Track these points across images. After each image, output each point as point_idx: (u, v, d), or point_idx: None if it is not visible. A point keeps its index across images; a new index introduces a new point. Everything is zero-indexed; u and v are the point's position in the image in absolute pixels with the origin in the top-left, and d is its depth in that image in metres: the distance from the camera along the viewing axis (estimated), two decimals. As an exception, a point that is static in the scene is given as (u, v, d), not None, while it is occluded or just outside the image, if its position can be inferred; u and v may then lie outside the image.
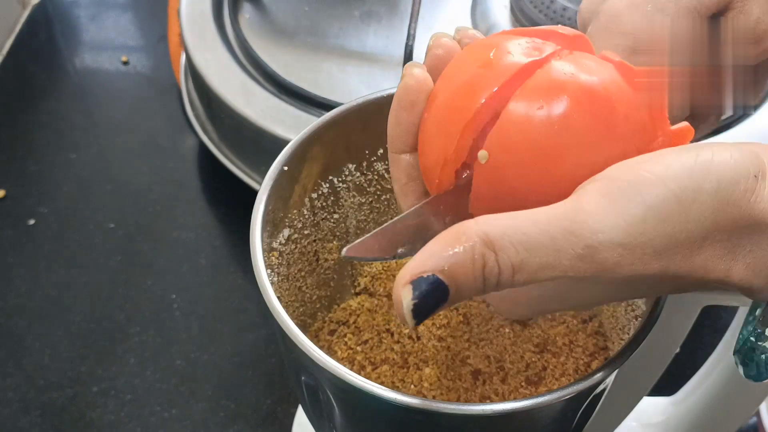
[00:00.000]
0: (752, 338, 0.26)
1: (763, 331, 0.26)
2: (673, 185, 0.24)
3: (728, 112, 0.37)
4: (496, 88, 0.27)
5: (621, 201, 0.24)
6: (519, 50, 0.28)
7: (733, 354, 0.27)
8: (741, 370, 0.27)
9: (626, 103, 0.27)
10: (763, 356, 0.26)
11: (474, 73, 0.28)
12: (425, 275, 0.24)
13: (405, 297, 0.24)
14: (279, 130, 0.62)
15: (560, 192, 0.26)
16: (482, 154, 0.27)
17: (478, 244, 0.24)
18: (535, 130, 0.26)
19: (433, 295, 0.24)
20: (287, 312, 0.32)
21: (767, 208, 0.24)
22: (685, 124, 0.28)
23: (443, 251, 0.24)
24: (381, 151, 0.41)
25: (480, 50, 0.29)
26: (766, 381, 0.28)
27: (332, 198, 0.42)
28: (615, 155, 0.26)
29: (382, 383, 0.40)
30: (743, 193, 0.24)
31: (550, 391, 0.29)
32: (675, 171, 0.24)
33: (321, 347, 0.37)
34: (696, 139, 0.29)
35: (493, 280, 0.24)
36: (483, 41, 0.30)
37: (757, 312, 0.27)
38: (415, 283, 0.24)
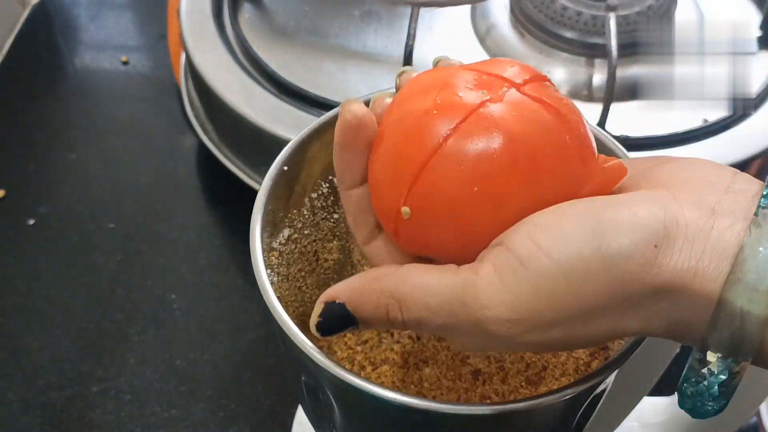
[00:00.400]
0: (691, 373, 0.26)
1: (698, 366, 0.25)
2: (564, 264, 0.24)
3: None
4: (440, 140, 0.27)
5: (510, 277, 0.24)
6: (465, 93, 0.28)
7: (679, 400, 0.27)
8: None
9: (554, 149, 0.27)
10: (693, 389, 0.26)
11: (420, 120, 0.28)
12: (336, 301, 0.28)
13: (314, 312, 0.28)
14: (279, 130, 0.62)
15: (479, 246, 0.27)
16: (405, 210, 0.28)
17: (384, 296, 0.27)
18: (450, 190, 0.27)
19: (338, 319, 0.28)
20: (287, 312, 0.32)
21: (673, 274, 0.23)
22: (617, 161, 0.28)
23: (357, 288, 0.27)
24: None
25: (427, 91, 0.29)
26: (765, 381, 0.28)
27: (332, 198, 0.42)
28: (538, 205, 0.26)
29: (382, 383, 0.40)
30: (640, 267, 0.23)
31: (550, 391, 0.29)
32: (566, 246, 0.24)
33: (321, 347, 0.37)
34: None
35: (398, 323, 0.27)
36: (432, 76, 0.30)
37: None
38: (327, 305, 0.28)
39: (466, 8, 0.72)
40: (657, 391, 0.45)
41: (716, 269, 0.23)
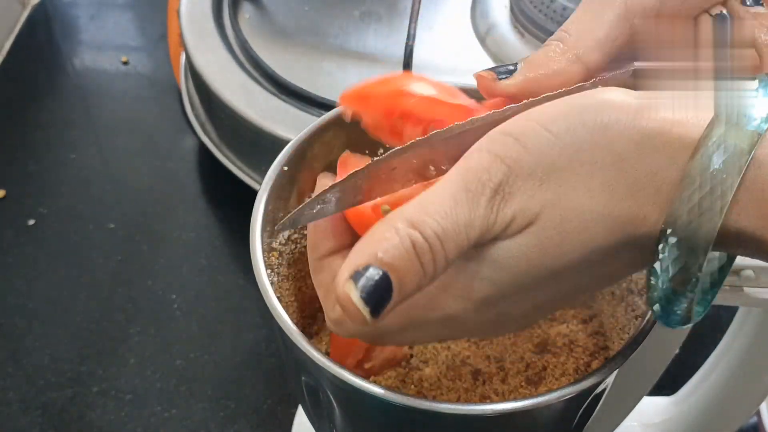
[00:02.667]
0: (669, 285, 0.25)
1: (684, 279, 0.24)
2: (543, 121, 0.24)
3: None
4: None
5: (499, 149, 0.25)
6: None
7: (650, 305, 0.25)
8: (659, 317, 0.26)
9: None
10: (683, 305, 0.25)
11: None
12: (361, 269, 0.24)
13: (352, 292, 0.24)
14: (279, 130, 0.62)
15: None
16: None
17: (401, 225, 0.24)
18: None
19: (375, 284, 0.24)
20: (287, 312, 0.32)
21: (656, 122, 0.23)
22: None
23: (372, 243, 0.24)
24: (381, 150, 0.41)
25: None
26: (764, 381, 0.28)
27: (332, 198, 0.42)
28: None
29: (382, 383, 0.40)
30: (618, 114, 0.24)
31: (550, 391, 0.29)
32: (545, 110, 0.25)
33: (321, 347, 0.37)
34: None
35: (427, 257, 0.24)
36: None
37: (667, 254, 0.25)
38: (355, 277, 0.24)
39: (466, 8, 0.72)
40: (657, 390, 0.45)
41: (696, 118, 0.24)
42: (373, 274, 0.24)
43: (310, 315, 0.44)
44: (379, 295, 0.24)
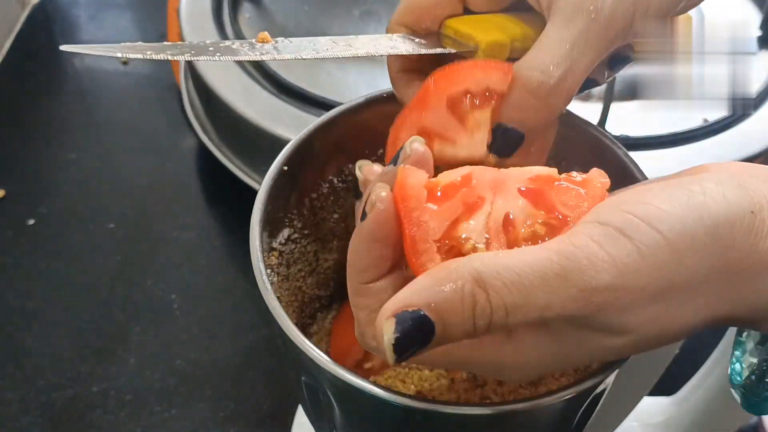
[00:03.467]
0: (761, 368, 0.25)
1: None
2: (667, 233, 0.23)
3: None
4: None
5: (611, 246, 0.23)
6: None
7: (733, 386, 0.26)
8: (741, 401, 0.26)
9: None
10: None
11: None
12: (410, 309, 0.23)
13: (387, 331, 0.23)
14: (279, 130, 0.62)
15: None
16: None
17: (468, 283, 0.23)
18: None
19: (416, 331, 0.23)
20: (287, 312, 0.32)
21: None
22: (594, 171, 0.27)
23: (432, 287, 0.23)
24: (381, 151, 0.41)
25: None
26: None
27: (332, 198, 0.42)
28: None
29: (382, 383, 0.40)
30: (743, 236, 0.23)
31: (549, 392, 0.29)
32: (666, 216, 0.23)
33: (321, 347, 0.37)
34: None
35: (484, 321, 0.23)
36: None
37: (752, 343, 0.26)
38: (399, 317, 0.23)
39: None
40: (657, 390, 0.45)
41: None
42: (416, 321, 0.23)
43: (310, 315, 0.44)
44: (413, 341, 0.23)
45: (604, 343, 0.24)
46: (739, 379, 0.26)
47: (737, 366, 0.26)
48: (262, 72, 0.66)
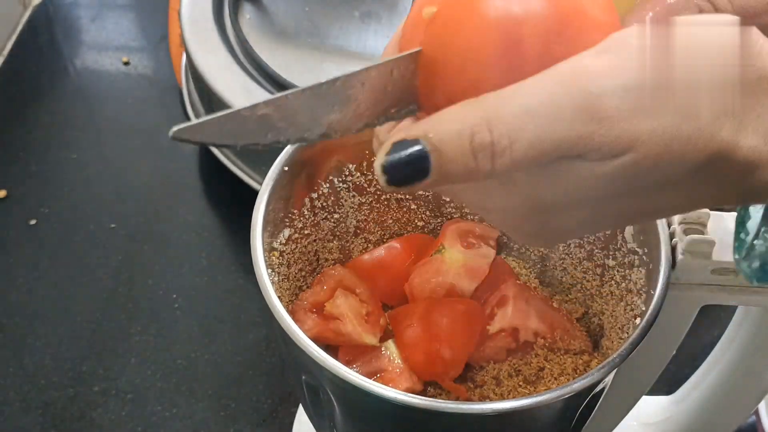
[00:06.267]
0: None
1: None
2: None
3: None
4: None
5: (617, 61, 0.22)
6: None
7: (739, 259, 0.24)
8: (750, 273, 0.24)
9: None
10: None
11: None
12: (409, 139, 0.23)
13: (380, 155, 0.23)
14: (279, 130, 0.62)
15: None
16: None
17: (470, 117, 0.22)
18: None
19: (410, 160, 0.23)
20: (288, 311, 0.32)
21: None
22: None
23: (431, 119, 0.23)
24: (381, 151, 0.42)
25: None
26: (763, 380, 0.28)
27: (332, 198, 0.42)
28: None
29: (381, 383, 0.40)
30: (743, 47, 0.22)
31: (548, 391, 0.29)
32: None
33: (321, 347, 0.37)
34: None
35: (485, 150, 0.22)
36: None
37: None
38: (396, 144, 0.23)
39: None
40: (656, 389, 0.45)
41: None
42: (411, 150, 0.23)
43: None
44: (406, 168, 0.23)
45: (604, 169, 0.23)
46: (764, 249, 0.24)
47: (759, 241, 0.24)
48: (262, 72, 0.66)
